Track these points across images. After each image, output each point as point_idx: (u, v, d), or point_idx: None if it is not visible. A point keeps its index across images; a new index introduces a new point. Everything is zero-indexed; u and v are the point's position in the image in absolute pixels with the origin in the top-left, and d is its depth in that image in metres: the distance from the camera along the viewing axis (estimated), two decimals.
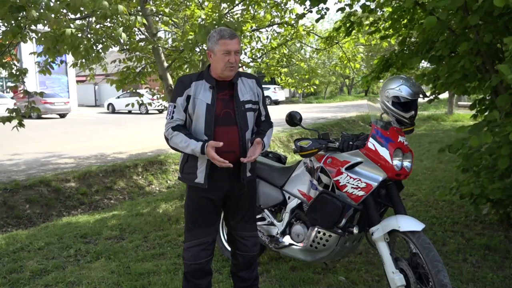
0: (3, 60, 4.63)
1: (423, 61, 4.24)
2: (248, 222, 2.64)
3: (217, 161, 2.29)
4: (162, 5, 5.87)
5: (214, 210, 2.52)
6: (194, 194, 2.50)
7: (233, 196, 2.54)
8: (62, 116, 21.26)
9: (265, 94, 2.72)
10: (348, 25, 4.98)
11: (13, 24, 3.82)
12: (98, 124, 17.21)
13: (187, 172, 2.48)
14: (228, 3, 4.35)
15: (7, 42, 4.50)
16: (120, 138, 12.43)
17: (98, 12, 3.88)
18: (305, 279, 3.22)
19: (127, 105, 6.89)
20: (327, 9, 4.76)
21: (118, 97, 24.05)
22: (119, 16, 3.99)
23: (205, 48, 2.50)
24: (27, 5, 3.62)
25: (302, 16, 5.19)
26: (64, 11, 4.09)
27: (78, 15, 4.67)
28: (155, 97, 7.17)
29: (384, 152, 2.57)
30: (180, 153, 2.53)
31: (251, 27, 6.48)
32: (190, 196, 2.53)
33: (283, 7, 6.56)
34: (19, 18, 3.79)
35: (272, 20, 6.86)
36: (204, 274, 2.56)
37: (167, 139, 2.45)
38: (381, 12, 5.15)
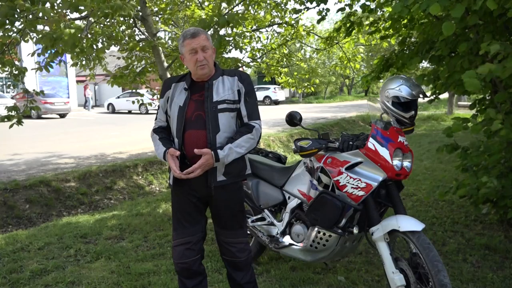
0: (4, 59, 4.62)
1: (423, 61, 4.24)
2: (231, 229, 2.48)
3: (173, 169, 2.27)
4: (162, 4, 5.87)
5: (195, 209, 2.45)
6: (173, 193, 2.51)
7: (210, 203, 2.46)
8: (62, 116, 21.26)
9: (265, 94, 2.66)
10: (348, 25, 4.98)
11: (5, 20, 3.80)
12: (98, 124, 17.21)
13: (169, 171, 2.48)
14: (226, 2, 4.35)
15: (7, 41, 4.49)
16: (120, 138, 12.43)
17: (99, 12, 3.88)
18: (305, 279, 3.22)
19: (127, 100, 6.98)
20: (328, 10, 4.76)
21: (118, 97, 24.03)
22: (118, 14, 3.98)
23: None
24: (25, 3, 3.62)
25: (298, 11, 5.19)
26: (64, 10, 4.08)
27: (78, 15, 4.67)
28: (155, 97, 7.17)
29: (384, 152, 2.57)
30: None
31: (251, 27, 6.48)
32: (172, 194, 2.53)
33: (283, 7, 6.57)
34: (14, 15, 3.78)
35: (272, 20, 6.87)
36: (192, 274, 2.49)
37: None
38: (381, 12, 5.16)
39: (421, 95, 2.98)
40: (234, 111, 2.36)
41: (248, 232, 3.32)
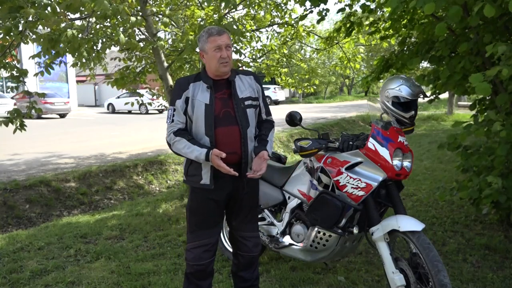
0: (4, 61, 4.62)
1: (423, 61, 4.25)
2: (249, 223, 2.63)
3: (223, 169, 2.28)
4: (162, 6, 5.87)
5: (218, 211, 2.52)
6: (198, 196, 2.48)
7: (236, 196, 2.53)
8: (62, 116, 21.26)
9: (265, 94, 2.70)
10: (348, 25, 4.98)
11: (10, 25, 3.81)
12: (98, 124, 17.21)
13: (192, 174, 2.46)
14: (230, 6, 4.35)
15: (7, 43, 4.48)
16: (120, 138, 12.43)
17: (98, 12, 3.88)
18: (305, 279, 3.22)
19: (126, 103, 6.94)
20: (328, 10, 4.75)
21: (118, 97, 24.03)
22: (119, 16, 3.99)
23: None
24: (26, 5, 3.61)
25: (303, 17, 5.19)
26: (62, 10, 4.07)
27: (78, 15, 4.66)
28: (154, 97, 7.17)
29: (384, 152, 2.57)
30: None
31: (251, 27, 6.48)
32: (194, 198, 2.51)
33: (283, 7, 6.57)
34: (16, 18, 3.78)
35: (272, 20, 6.87)
36: (206, 275, 2.56)
37: (169, 144, 2.43)
38: (381, 12, 5.15)
39: (421, 95, 2.98)
40: (255, 107, 2.51)
41: None
